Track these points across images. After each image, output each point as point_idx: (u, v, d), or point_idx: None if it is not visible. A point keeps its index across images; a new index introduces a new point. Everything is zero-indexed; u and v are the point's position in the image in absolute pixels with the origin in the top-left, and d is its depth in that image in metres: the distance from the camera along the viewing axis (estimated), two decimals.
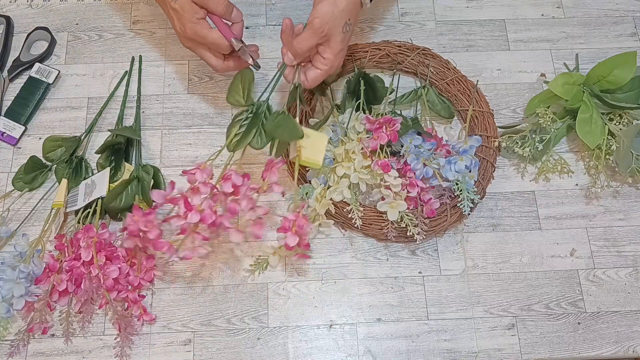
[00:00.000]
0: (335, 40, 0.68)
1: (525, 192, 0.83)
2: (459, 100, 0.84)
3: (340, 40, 0.69)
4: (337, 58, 0.70)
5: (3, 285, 0.69)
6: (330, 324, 0.76)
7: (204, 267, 0.78)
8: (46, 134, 0.84)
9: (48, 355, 0.73)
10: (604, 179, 0.83)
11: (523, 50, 0.91)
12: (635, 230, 0.81)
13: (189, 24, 0.71)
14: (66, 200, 0.78)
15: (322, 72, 0.71)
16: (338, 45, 0.69)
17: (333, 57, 0.69)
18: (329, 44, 0.69)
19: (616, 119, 0.81)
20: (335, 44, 0.69)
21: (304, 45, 0.69)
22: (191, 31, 0.71)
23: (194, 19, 0.70)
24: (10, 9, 0.93)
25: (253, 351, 0.74)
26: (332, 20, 0.67)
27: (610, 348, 0.75)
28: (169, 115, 0.86)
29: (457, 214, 0.76)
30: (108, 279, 0.70)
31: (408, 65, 0.87)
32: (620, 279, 0.78)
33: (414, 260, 0.79)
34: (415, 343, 0.75)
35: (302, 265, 0.78)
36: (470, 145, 0.75)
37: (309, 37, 0.68)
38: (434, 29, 0.93)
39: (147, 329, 0.75)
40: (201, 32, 0.71)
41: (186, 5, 0.70)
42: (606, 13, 0.94)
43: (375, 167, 0.71)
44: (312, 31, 0.68)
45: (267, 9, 0.93)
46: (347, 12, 0.68)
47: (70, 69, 0.89)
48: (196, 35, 0.72)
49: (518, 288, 0.78)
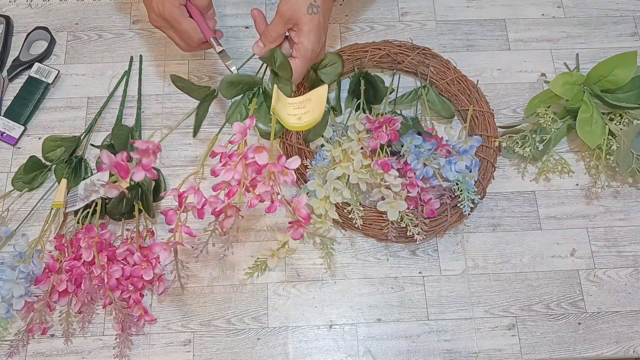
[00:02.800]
0: (303, 22, 0.68)
1: (525, 192, 0.83)
2: (459, 100, 0.84)
3: (307, 21, 0.68)
4: (309, 41, 0.69)
5: (3, 285, 0.69)
6: (330, 324, 0.76)
7: (204, 267, 0.78)
8: (46, 133, 0.84)
9: (48, 356, 0.73)
10: (605, 179, 0.82)
11: (523, 50, 0.91)
12: (635, 230, 0.81)
13: (168, 6, 0.71)
14: (66, 200, 0.78)
15: (299, 59, 0.70)
16: (306, 27, 0.68)
17: (305, 40, 0.69)
18: (298, 28, 0.69)
19: (616, 119, 0.81)
20: (303, 25, 0.68)
21: (272, 30, 0.70)
22: (169, 13, 0.71)
23: (176, 3, 0.71)
24: (9, 8, 0.92)
25: (253, 351, 0.74)
26: (295, 3, 0.68)
27: (611, 348, 0.75)
28: (168, 115, 0.86)
29: (457, 214, 0.76)
30: (111, 279, 0.70)
31: (408, 65, 0.87)
32: (621, 279, 0.78)
33: (414, 261, 0.79)
34: (415, 343, 0.75)
35: (302, 265, 0.78)
36: (471, 145, 0.75)
37: (276, 23, 0.69)
38: (434, 28, 0.92)
39: (147, 329, 0.75)
40: (178, 17, 0.72)
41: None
42: (606, 13, 0.94)
43: (375, 167, 0.71)
44: (278, 16, 0.69)
45: (267, 9, 0.93)
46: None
47: (69, 69, 0.89)
48: (172, 19, 0.72)
49: (518, 288, 0.78)
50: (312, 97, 0.65)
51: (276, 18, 0.69)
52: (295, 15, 0.68)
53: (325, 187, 0.73)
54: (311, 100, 0.65)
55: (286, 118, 0.64)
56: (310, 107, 0.64)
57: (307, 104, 0.65)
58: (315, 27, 0.69)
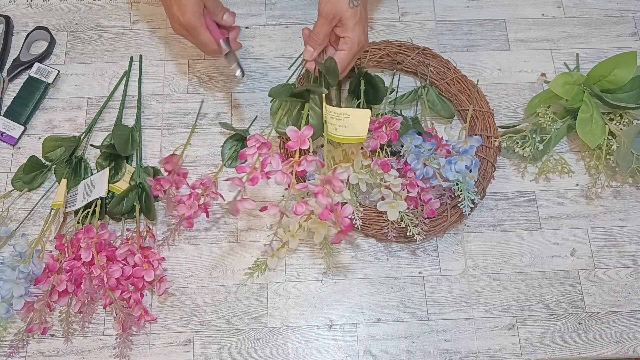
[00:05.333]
0: (347, 16, 0.70)
1: (525, 192, 0.83)
2: (459, 100, 0.84)
3: (351, 15, 0.70)
4: (356, 33, 0.71)
5: (3, 285, 0.69)
6: (330, 324, 0.76)
7: (204, 267, 0.78)
8: (46, 133, 0.84)
9: (48, 356, 0.73)
10: (605, 179, 0.82)
11: (523, 50, 0.91)
12: (635, 230, 0.81)
13: (188, 14, 0.72)
14: (66, 200, 0.78)
15: (347, 51, 0.72)
16: (351, 21, 0.70)
17: (351, 33, 0.71)
18: (342, 23, 0.71)
19: (616, 119, 0.81)
20: (347, 20, 0.70)
21: (318, 32, 0.71)
22: (187, 22, 0.73)
23: (196, 12, 0.72)
24: (9, 8, 0.92)
25: (253, 351, 0.74)
26: (337, 2, 0.69)
27: (611, 348, 0.75)
28: (168, 115, 0.86)
29: (457, 214, 0.76)
30: (111, 279, 0.70)
31: (408, 65, 0.87)
32: (621, 279, 0.78)
33: (414, 261, 0.79)
34: (415, 343, 0.75)
35: (302, 265, 0.78)
36: (471, 145, 0.75)
37: (321, 24, 0.71)
38: (434, 28, 0.92)
39: (147, 329, 0.74)
40: (197, 27, 0.73)
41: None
42: (606, 13, 0.94)
43: (375, 167, 0.71)
44: (322, 17, 0.70)
45: (267, 9, 0.93)
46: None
47: (69, 69, 0.88)
48: (190, 27, 0.73)
49: (518, 288, 0.78)
50: (352, 114, 0.67)
51: (320, 20, 0.70)
52: (338, 12, 0.69)
53: None
54: (350, 117, 0.67)
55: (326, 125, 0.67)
56: (349, 124, 0.67)
57: (346, 119, 0.67)
58: (359, 19, 0.71)
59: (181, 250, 0.78)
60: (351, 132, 0.67)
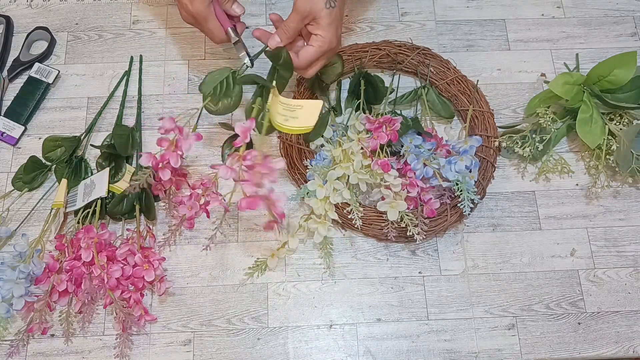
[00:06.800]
0: (321, 16, 0.69)
1: (525, 192, 0.83)
2: (459, 100, 0.84)
3: (325, 15, 0.69)
4: (327, 33, 0.70)
5: (3, 285, 0.69)
6: (330, 324, 0.76)
7: (204, 267, 0.78)
8: (46, 133, 0.84)
9: (48, 356, 0.73)
10: (604, 179, 0.82)
11: (523, 50, 0.91)
12: (635, 230, 0.81)
13: (197, 3, 0.72)
14: (66, 200, 0.78)
15: (315, 48, 0.71)
16: (325, 21, 0.70)
17: (323, 32, 0.70)
18: (316, 22, 0.70)
19: (616, 119, 0.81)
20: (321, 19, 0.70)
21: (289, 26, 0.71)
22: (196, 10, 0.72)
23: (205, 0, 0.72)
24: (10, 8, 0.93)
25: (253, 351, 0.74)
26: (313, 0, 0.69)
27: (611, 348, 0.75)
28: (168, 115, 0.86)
29: (457, 214, 0.76)
30: (111, 279, 0.70)
31: (408, 65, 0.87)
32: (621, 279, 0.78)
33: (414, 260, 0.79)
34: (415, 343, 0.75)
35: (302, 265, 0.78)
36: (471, 145, 0.75)
37: (293, 19, 0.70)
38: (434, 28, 0.92)
39: (147, 329, 0.75)
40: (205, 16, 0.73)
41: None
42: (606, 13, 0.94)
43: (375, 167, 0.71)
44: (296, 12, 0.70)
45: (267, 9, 0.93)
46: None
47: (70, 69, 0.89)
48: (199, 16, 0.73)
49: (518, 288, 0.78)
50: (305, 106, 0.66)
51: (293, 14, 0.70)
52: (313, 10, 0.69)
53: (325, 187, 0.73)
54: (303, 109, 0.66)
55: (275, 116, 0.65)
56: (301, 115, 0.66)
57: (298, 110, 0.66)
58: (333, 20, 0.70)
59: (181, 250, 0.78)
60: (300, 123, 0.66)
